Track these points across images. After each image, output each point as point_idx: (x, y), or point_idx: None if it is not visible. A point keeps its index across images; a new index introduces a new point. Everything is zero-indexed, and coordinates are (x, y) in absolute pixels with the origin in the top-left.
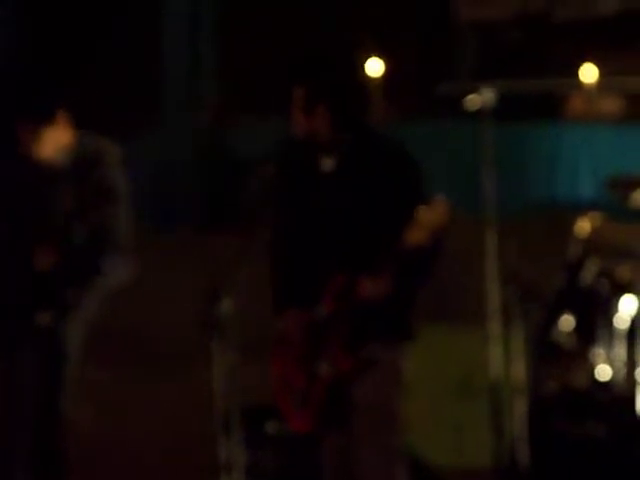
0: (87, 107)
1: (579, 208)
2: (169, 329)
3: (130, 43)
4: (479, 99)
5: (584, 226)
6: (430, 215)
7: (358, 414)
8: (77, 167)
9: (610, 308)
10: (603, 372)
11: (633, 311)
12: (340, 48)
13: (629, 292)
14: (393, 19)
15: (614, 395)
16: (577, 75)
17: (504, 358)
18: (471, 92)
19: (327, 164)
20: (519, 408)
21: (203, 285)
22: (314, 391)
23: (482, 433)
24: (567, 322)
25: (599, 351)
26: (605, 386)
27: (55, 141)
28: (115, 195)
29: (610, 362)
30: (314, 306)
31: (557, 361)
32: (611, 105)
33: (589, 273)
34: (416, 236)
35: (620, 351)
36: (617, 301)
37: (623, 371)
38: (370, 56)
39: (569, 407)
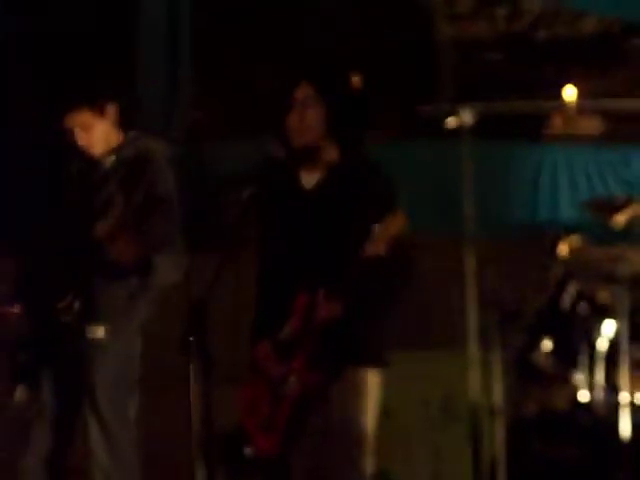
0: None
1: (560, 230)
2: (147, 351)
3: (107, 63)
4: (459, 120)
5: (564, 248)
6: (387, 227)
7: (328, 435)
8: (126, 170)
9: (590, 331)
10: (583, 395)
11: (613, 334)
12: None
13: (609, 315)
14: (372, 40)
15: (594, 418)
16: (558, 96)
17: (483, 382)
18: (451, 113)
19: (309, 182)
20: (498, 431)
21: (180, 306)
22: (279, 412)
23: (461, 457)
24: (547, 345)
25: (579, 374)
26: (585, 409)
27: (104, 135)
28: (164, 201)
29: (590, 385)
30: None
31: (537, 384)
32: (592, 126)
33: (569, 296)
34: (373, 248)
35: (600, 374)
36: (597, 324)
37: (602, 394)
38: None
39: (549, 430)
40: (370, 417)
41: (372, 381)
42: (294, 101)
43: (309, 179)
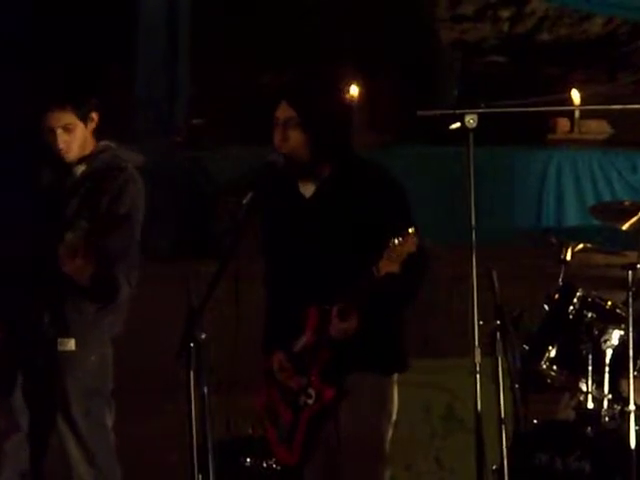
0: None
1: (565, 236)
2: (142, 360)
3: (103, 67)
4: (462, 124)
5: (569, 255)
6: (401, 247)
7: (344, 444)
8: (95, 181)
9: (595, 339)
10: (587, 404)
11: (617, 342)
12: (322, 74)
13: (614, 322)
14: (373, 45)
15: (599, 427)
16: (563, 99)
17: (488, 390)
18: (454, 117)
19: (308, 190)
20: (502, 441)
21: (179, 315)
22: (299, 423)
23: (464, 465)
24: (551, 353)
25: (583, 382)
26: (589, 418)
27: (83, 141)
28: (124, 216)
29: (594, 393)
30: (297, 339)
31: (541, 393)
32: (598, 130)
33: (574, 303)
34: (387, 267)
35: (605, 382)
36: (602, 332)
37: (607, 403)
38: (350, 81)
39: (553, 440)
40: (388, 426)
41: (391, 389)
42: (276, 119)
43: (307, 188)
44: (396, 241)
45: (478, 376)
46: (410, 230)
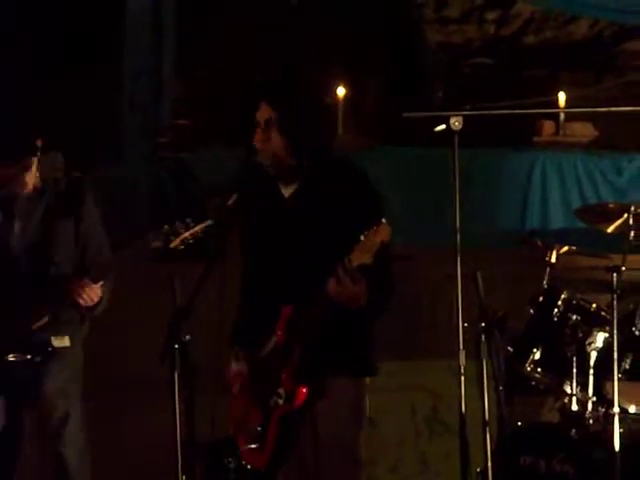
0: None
1: (549, 239)
2: (129, 361)
3: (90, 72)
4: (448, 126)
5: (553, 258)
6: (373, 236)
7: (318, 448)
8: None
9: (579, 341)
10: (571, 406)
11: (602, 344)
12: (305, 74)
13: (598, 325)
14: (358, 47)
15: (583, 430)
16: (548, 102)
17: (472, 392)
18: (440, 119)
19: (287, 191)
20: (487, 443)
21: (164, 316)
22: (269, 425)
23: (448, 467)
24: (536, 355)
25: (568, 385)
26: (574, 420)
27: (35, 173)
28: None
29: (579, 396)
30: (267, 340)
31: (526, 395)
32: (583, 133)
33: (558, 306)
34: (359, 258)
35: (589, 385)
36: (586, 334)
37: (591, 405)
38: (335, 82)
39: (537, 442)
40: (361, 429)
41: (363, 392)
42: (256, 121)
43: (287, 189)
44: (368, 233)
45: (462, 378)
46: (383, 220)
